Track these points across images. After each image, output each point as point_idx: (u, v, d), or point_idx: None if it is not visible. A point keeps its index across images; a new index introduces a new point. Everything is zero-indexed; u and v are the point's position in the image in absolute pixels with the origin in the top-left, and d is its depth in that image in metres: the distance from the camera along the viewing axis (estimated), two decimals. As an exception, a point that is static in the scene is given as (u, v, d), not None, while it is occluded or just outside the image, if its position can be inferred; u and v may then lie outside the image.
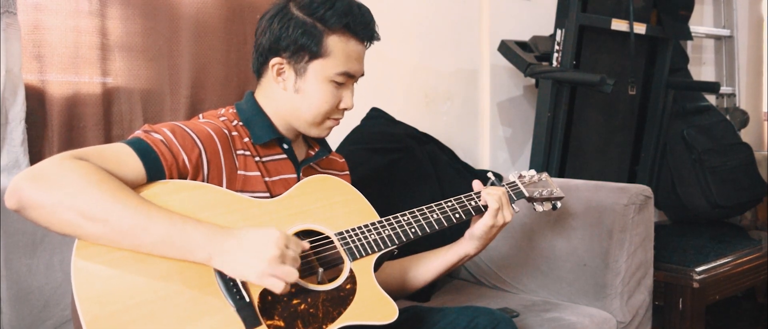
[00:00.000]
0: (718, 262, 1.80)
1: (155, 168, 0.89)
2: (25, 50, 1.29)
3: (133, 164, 0.87)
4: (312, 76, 1.00)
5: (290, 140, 1.06)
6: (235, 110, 1.05)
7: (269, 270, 0.81)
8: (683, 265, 1.75)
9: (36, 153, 1.32)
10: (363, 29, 1.00)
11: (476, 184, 1.15)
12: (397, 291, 1.12)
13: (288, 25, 0.99)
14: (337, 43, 0.99)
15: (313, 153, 1.11)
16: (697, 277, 1.71)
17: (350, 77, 1.02)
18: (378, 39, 1.06)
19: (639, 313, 1.46)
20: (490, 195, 1.10)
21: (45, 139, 1.32)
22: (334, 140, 1.68)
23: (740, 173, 2.32)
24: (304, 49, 0.98)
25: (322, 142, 1.14)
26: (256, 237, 0.83)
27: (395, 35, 1.88)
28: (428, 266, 1.14)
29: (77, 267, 0.79)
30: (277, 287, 0.82)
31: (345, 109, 1.04)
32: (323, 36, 0.98)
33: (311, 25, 0.98)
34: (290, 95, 1.02)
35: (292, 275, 0.82)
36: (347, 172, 1.20)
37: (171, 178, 0.90)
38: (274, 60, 1.01)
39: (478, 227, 1.10)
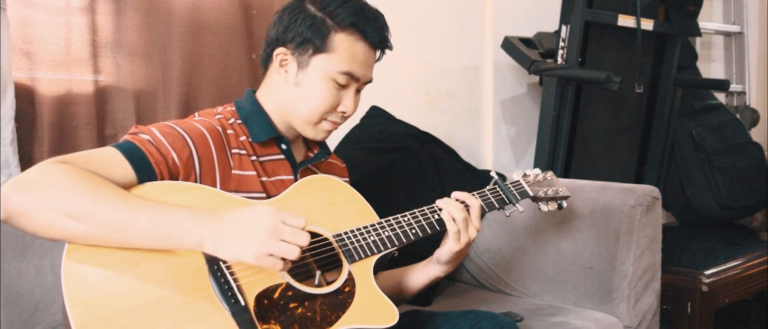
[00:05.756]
0: (728, 265, 1.78)
1: (144, 168, 0.87)
2: (14, 47, 1.27)
3: (120, 166, 0.86)
4: (313, 70, 0.98)
5: (289, 141, 1.04)
6: (233, 108, 1.04)
7: (265, 248, 0.79)
8: (692, 268, 1.73)
9: (26, 153, 1.30)
10: (373, 32, 0.99)
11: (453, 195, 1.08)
12: None
13: (298, 18, 0.99)
14: (343, 41, 0.98)
15: (312, 155, 1.10)
16: (706, 280, 1.69)
17: (354, 80, 1.00)
18: (390, 48, 1.04)
19: (646, 317, 1.44)
20: (446, 216, 1.01)
21: (35, 138, 1.31)
22: (333, 139, 1.65)
23: (750, 173, 2.30)
24: (309, 42, 0.98)
25: (321, 144, 1.12)
26: (248, 216, 0.81)
27: (395, 31, 1.82)
28: (397, 288, 1.11)
29: (68, 270, 0.78)
30: (277, 266, 0.81)
31: (343, 113, 1.01)
32: (330, 32, 0.98)
33: (321, 19, 0.98)
34: (290, 88, 1.00)
35: (293, 252, 0.80)
36: (347, 177, 1.18)
37: (161, 177, 0.89)
38: (279, 50, 1.01)
39: (443, 253, 1.04)
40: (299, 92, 0.99)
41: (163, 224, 0.79)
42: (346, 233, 0.97)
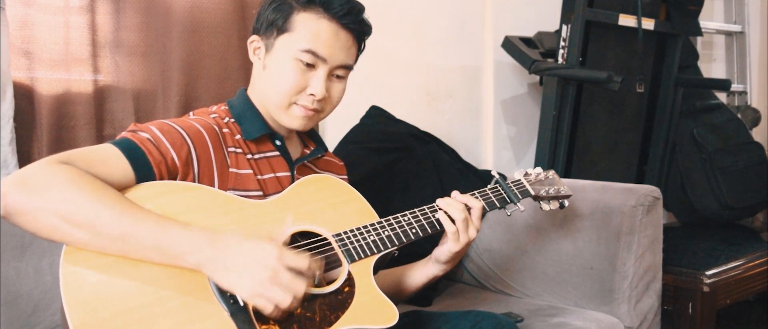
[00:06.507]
0: (729, 265, 1.77)
1: (143, 168, 0.87)
2: (13, 47, 1.26)
3: (120, 165, 0.86)
4: (277, 51, 0.98)
5: (283, 137, 1.04)
6: (226, 107, 1.04)
7: (260, 289, 0.80)
8: (693, 268, 1.72)
9: (24, 153, 1.30)
10: (337, 7, 0.96)
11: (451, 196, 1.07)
12: None
13: (267, 5, 1.00)
14: (305, 20, 0.97)
15: (308, 151, 1.09)
16: (708, 281, 1.68)
17: (320, 60, 0.97)
18: (365, 31, 1.02)
19: (647, 318, 1.43)
20: (443, 217, 1.01)
21: (34, 138, 1.30)
22: (333, 139, 1.66)
23: (752, 173, 2.29)
24: (273, 24, 0.98)
25: (317, 140, 1.12)
26: (251, 250, 0.81)
27: (395, 31, 1.85)
28: (396, 286, 1.11)
29: (66, 271, 0.78)
30: (267, 309, 0.81)
31: (313, 95, 0.98)
32: (293, 11, 0.97)
33: (286, 2, 0.98)
34: (260, 74, 1.01)
35: (285, 301, 0.80)
36: (346, 175, 1.17)
37: (160, 177, 0.89)
38: (251, 39, 1.02)
39: (442, 253, 1.04)
40: (267, 75, 0.99)
41: (163, 243, 0.79)
42: (345, 232, 0.96)
